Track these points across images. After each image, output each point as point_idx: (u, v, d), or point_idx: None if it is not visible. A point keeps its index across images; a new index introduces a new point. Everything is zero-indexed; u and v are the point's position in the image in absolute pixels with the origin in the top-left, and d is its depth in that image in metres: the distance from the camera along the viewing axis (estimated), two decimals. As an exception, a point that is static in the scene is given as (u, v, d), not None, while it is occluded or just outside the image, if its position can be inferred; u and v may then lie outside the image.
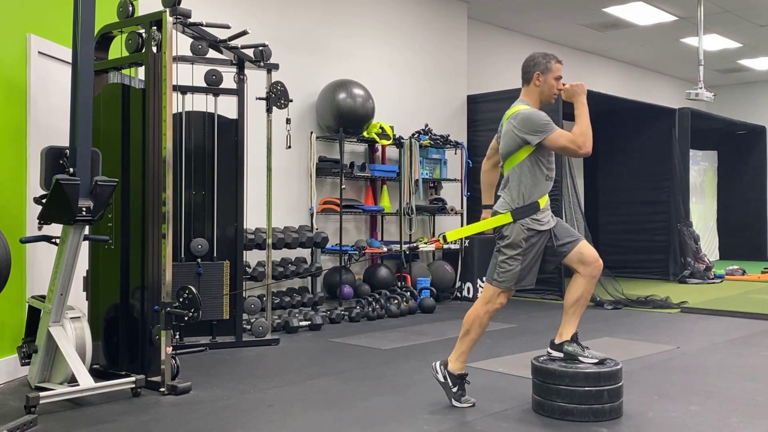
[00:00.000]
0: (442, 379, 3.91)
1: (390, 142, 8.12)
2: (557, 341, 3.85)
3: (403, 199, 8.17)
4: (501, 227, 3.83)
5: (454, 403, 3.88)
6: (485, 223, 3.94)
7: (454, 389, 3.88)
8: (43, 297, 4.16)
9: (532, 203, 3.78)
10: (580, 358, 3.75)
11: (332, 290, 7.47)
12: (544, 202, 3.83)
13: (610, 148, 11.33)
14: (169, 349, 4.20)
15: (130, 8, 4.57)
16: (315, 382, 4.48)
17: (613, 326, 6.73)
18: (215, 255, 5.63)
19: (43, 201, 3.90)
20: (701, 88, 9.31)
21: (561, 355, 3.81)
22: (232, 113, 5.75)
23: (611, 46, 12.30)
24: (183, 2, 4.48)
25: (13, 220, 4.42)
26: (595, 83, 11.82)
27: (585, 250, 3.81)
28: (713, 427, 3.60)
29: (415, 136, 8.36)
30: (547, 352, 3.90)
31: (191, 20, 4.65)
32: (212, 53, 5.58)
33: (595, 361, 3.74)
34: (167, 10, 4.36)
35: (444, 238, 3.99)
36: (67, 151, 4.00)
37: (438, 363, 3.95)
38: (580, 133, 3.70)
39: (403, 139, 8.24)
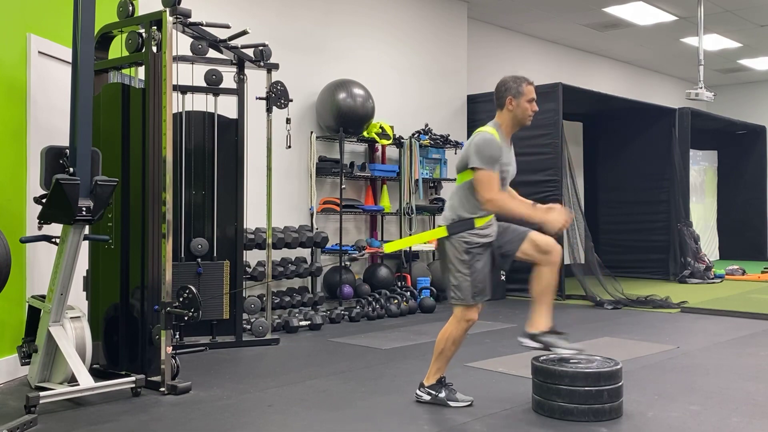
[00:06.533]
0: (428, 398, 3.94)
1: (390, 142, 8.11)
2: (529, 330, 3.86)
3: (403, 199, 8.17)
4: (443, 244, 3.84)
5: (452, 405, 3.89)
6: (423, 236, 4.00)
7: (442, 395, 3.91)
8: (43, 297, 4.16)
9: (468, 219, 3.78)
10: (557, 349, 3.77)
11: (332, 290, 7.47)
12: (483, 222, 3.79)
13: (610, 147, 11.34)
14: (169, 349, 4.20)
15: (130, 8, 4.57)
16: (315, 382, 4.48)
17: (613, 326, 6.73)
18: (215, 255, 5.63)
19: (43, 201, 3.90)
20: (701, 88, 9.32)
21: (533, 344, 3.83)
22: (232, 113, 5.75)
23: (611, 46, 12.29)
24: (183, 2, 4.48)
25: (13, 219, 4.42)
26: (595, 83, 11.82)
27: (538, 239, 3.78)
28: (713, 427, 3.60)
29: (415, 135, 8.36)
30: (518, 339, 3.91)
31: (191, 20, 4.66)
32: (212, 53, 5.58)
33: (574, 351, 3.78)
34: (167, 9, 4.37)
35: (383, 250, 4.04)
36: (67, 150, 4.00)
37: (417, 390, 3.98)
38: (500, 201, 3.69)
39: (403, 139, 8.24)
